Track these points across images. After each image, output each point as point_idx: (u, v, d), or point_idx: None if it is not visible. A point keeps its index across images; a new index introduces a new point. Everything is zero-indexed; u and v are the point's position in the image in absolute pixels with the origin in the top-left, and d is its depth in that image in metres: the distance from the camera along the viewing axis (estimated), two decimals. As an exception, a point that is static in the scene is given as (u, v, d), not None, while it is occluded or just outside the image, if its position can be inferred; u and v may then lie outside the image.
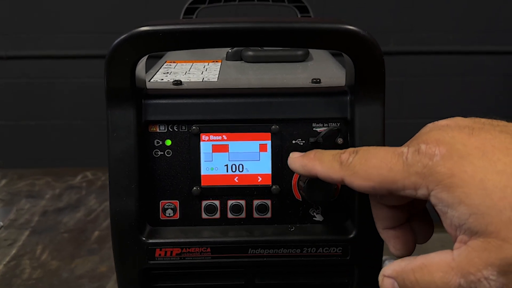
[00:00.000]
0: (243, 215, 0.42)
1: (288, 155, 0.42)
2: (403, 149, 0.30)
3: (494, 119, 0.32)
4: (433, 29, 1.99)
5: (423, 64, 2.03)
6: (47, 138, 2.06)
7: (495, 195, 0.27)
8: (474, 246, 0.27)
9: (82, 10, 1.94)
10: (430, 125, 0.32)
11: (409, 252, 0.36)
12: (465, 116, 0.33)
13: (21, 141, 2.07)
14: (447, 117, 0.33)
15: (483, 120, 0.31)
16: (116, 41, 0.38)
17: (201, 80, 0.49)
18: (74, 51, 1.98)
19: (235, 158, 0.42)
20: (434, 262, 0.29)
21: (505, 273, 0.27)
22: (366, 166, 0.31)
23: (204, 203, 0.42)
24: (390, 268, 0.32)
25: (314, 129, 0.42)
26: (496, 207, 0.26)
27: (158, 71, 0.54)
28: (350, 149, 0.33)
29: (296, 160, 0.36)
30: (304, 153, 0.36)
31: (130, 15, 1.92)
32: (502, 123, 0.31)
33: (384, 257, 0.45)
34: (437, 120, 0.33)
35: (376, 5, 1.97)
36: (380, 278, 0.32)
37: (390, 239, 0.36)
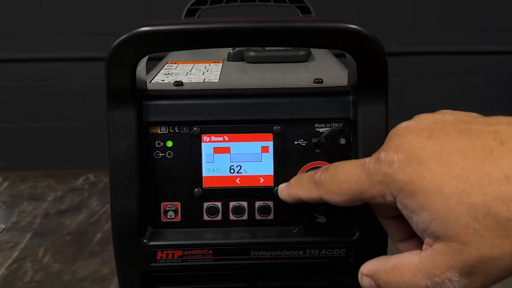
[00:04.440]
0: (245, 217, 0.42)
1: (291, 155, 0.41)
2: (366, 159, 0.31)
3: (469, 111, 0.32)
4: (434, 29, 1.99)
5: (424, 65, 2.03)
6: (49, 140, 2.07)
7: (452, 201, 0.27)
8: (437, 250, 0.28)
9: (83, 12, 1.95)
10: (393, 130, 0.33)
11: None
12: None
13: (23, 144, 2.07)
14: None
15: (447, 116, 0.31)
16: (116, 42, 0.37)
17: (203, 81, 0.49)
18: (75, 53, 1.98)
19: (236, 159, 0.42)
20: (404, 263, 0.31)
21: (467, 274, 0.28)
22: (336, 182, 0.32)
23: (205, 204, 0.42)
24: (367, 268, 0.33)
25: (316, 129, 0.41)
26: (454, 212, 0.27)
27: (159, 72, 0.53)
28: (323, 168, 0.34)
29: (283, 191, 0.38)
30: (288, 182, 0.38)
31: (132, 17, 1.92)
32: (467, 118, 0.31)
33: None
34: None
35: (378, 6, 1.96)
36: (359, 275, 0.34)
37: (388, 226, 0.37)
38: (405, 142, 0.30)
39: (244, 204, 0.42)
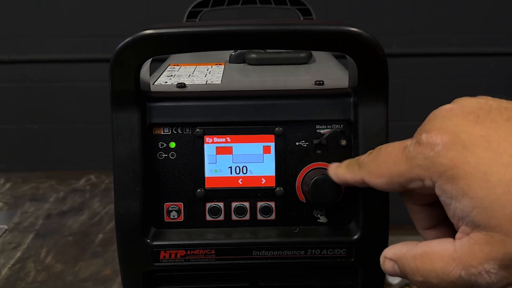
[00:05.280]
0: (247, 217, 0.42)
1: (292, 156, 0.42)
2: (408, 141, 0.30)
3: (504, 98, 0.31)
4: (435, 31, 1.99)
5: (425, 66, 2.03)
6: (51, 142, 2.07)
7: (499, 189, 0.26)
8: (476, 239, 0.27)
9: (84, 14, 1.95)
10: (435, 111, 0.31)
11: None
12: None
13: (25, 145, 2.08)
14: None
15: (490, 102, 0.30)
16: (121, 45, 0.38)
17: (205, 82, 0.49)
18: (77, 54, 1.99)
19: (239, 160, 0.42)
20: (435, 251, 0.29)
21: (506, 267, 0.27)
22: (377, 163, 0.32)
23: (208, 205, 0.42)
24: (392, 251, 0.32)
25: (317, 130, 0.42)
26: (500, 201, 0.26)
27: (162, 74, 0.54)
28: (370, 150, 0.33)
29: (332, 171, 0.37)
30: (340, 163, 0.37)
31: (133, 19, 1.93)
32: (511, 106, 0.30)
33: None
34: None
35: (378, 7, 1.97)
36: (381, 258, 0.33)
37: (415, 213, 0.35)
38: (450, 124, 0.28)
39: (246, 204, 0.42)
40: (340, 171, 0.36)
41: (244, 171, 0.42)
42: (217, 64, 0.59)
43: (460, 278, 0.28)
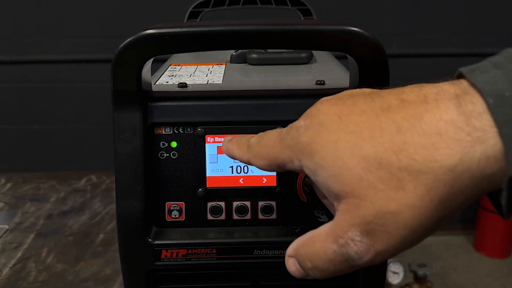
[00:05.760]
0: (248, 216, 0.43)
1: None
2: (285, 128, 0.31)
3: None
4: (435, 31, 2.00)
5: (425, 66, 2.03)
6: (52, 142, 2.07)
7: (345, 154, 0.27)
8: (340, 209, 0.28)
9: (85, 15, 1.95)
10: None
11: None
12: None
13: (26, 145, 2.08)
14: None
15: (364, 90, 0.30)
16: (122, 44, 0.38)
17: (206, 82, 0.49)
18: (77, 55, 1.99)
19: (240, 160, 0.42)
20: (317, 233, 0.29)
21: (368, 233, 0.27)
22: (260, 146, 0.32)
23: (209, 204, 0.43)
24: (291, 247, 0.31)
25: (318, 130, 0.42)
26: (347, 165, 0.26)
27: (163, 74, 0.54)
28: (260, 133, 0.34)
29: (224, 144, 0.37)
30: (233, 137, 0.37)
31: (133, 19, 1.93)
32: (383, 91, 0.30)
33: (389, 260, 0.45)
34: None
35: (378, 8, 1.97)
36: (285, 259, 0.32)
37: (329, 207, 0.36)
38: (314, 109, 0.30)
39: (247, 203, 0.42)
40: (230, 146, 0.36)
41: (245, 171, 0.42)
42: (218, 64, 0.59)
43: (335, 253, 0.28)
